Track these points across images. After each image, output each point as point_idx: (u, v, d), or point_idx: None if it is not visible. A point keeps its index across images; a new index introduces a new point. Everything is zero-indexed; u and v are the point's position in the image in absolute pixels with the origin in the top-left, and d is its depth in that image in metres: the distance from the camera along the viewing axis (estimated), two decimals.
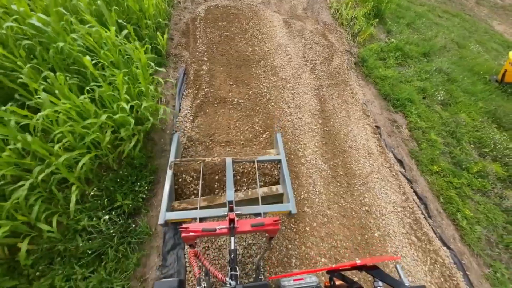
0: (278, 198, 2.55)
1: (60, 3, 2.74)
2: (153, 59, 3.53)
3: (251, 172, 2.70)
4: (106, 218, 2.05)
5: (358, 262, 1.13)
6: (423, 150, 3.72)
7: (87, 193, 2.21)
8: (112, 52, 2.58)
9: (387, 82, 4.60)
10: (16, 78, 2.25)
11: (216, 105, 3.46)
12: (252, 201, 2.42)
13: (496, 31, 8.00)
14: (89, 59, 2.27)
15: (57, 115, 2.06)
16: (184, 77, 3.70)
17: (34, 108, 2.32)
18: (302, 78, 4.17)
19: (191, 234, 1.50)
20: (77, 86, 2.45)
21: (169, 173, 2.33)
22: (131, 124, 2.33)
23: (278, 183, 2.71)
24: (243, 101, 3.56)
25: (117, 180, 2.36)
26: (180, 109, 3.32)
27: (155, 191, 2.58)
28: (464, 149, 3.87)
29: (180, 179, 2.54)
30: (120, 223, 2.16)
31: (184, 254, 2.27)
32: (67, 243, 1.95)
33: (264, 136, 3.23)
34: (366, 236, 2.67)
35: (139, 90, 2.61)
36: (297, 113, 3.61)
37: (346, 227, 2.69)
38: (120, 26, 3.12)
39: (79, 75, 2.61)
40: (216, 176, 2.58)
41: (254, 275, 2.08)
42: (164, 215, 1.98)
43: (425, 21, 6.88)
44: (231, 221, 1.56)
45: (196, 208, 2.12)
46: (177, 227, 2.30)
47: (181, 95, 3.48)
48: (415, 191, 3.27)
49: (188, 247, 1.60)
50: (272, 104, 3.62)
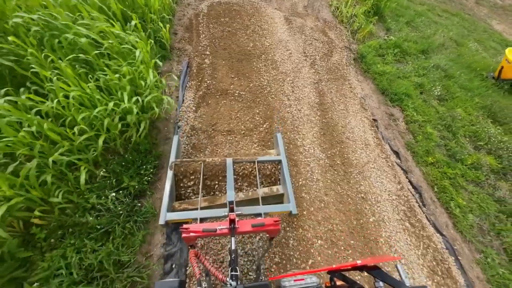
0: (278, 199, 2.54)
1: None
2: (157, 52, 3.67)
3: (251, 174, 2.66)
4: (113, 195, 2.17)
5: (359, 262, 1.12)
6: (418, 142, 3.82)
7: (96, 174, 2.33)
8: (117, 43, 2.70)
9: (385, 77, 4.70)
10: (28, 66, 2.38)
11: (218, 96, 3.58)
12: (253, 201, 2.41)
13: (495, 30, 8.09)
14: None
15: (67, 101, 2.19)
16: (187, 69, 3.82)
17: (44, 95, 2.45)
18: (301, 72, 4.28)
19: (192, 234, 1.50)
20: (84, 74, 2.57)
21: (169, 173, 2.31)
22: (133, 113, 2.44)
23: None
24: (244, 93, 3.68)
25: (123, 164, 2.48)
26: (183, 100, 3.44)
27: (159, 175, 2.70)
28: (459, 142, 3.97)
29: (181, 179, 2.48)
30: (127, 202, 2.29)
31: None
32: (77, 219, 2.07)
33: (264, 126, 3.34)
34: (361, 221, 2.78)
35: (143, 80, 2.73)
36: (296, 105, 3.72)
37: (342, 212, 2.79)
38: (125, 18, 3.25)
39: (86, 65, 2.74)
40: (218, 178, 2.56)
41: (255, 275, 2.07)
42: (164, 215, 1.98)
43: (424, 19, 6.98)
44: (232, 221, 1.56)
45: (196, 209, 2.12)
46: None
47: (184, 86, 3.60)
48: (410, 181, 3.38)
49: (189, 247, 1.60)
50: (272, 96, 3.73)
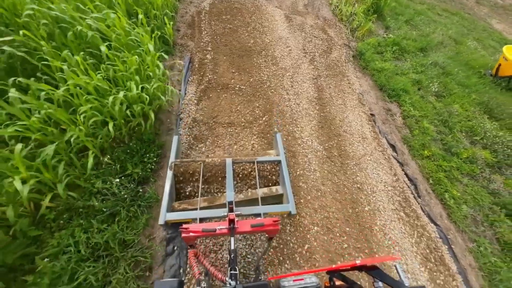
0: (278, 199, 2.57)
1: None
2: (160, 47, 3.78)
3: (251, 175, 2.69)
4: (117, 181, 2.28)
5: (358, 262, 1.13)
6: (415, 137, 3.90)
7: (101, 160, 2.45)
8: (122, 36, 2.82)
9: (383, 74, 4.78)
10: (39, 58, 2.50)
11: (219, 90, 3.68)
12: (252, 201, 2.43)
13: (494, 29, 8.14)
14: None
15: (76, 90, 2.30)
16: (190, 64, 3.94)
17: (54, 85, 2.57)
18: (301, 68, 4.38)
19: (191, 234, 1.50)
20: (92, 65, 2.68)
21: (169, 173, 2.32)
22: (145, 100, 2.55)
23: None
24: (244, 87, 3.78)
25: (128, 151, 2.59)
26: (185, 93, 3.55)
27: (161, 163, 2.80)
28: (455, 137, 4.04)
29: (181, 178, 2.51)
30: (131, 188, 2.39)
31: None
32: (84, 202, 2.18)
33: (263, 119, 3.44)
34: (357, 209, 2.87)
35: (148, 71, 2.85)
36: (295, 99, 3.82)
37: (338, 201, 2.88)
38: (130, 14, 3.37)
39: (94, 57, 2.86)
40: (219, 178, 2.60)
41: (254, 275, 2.08)
42: (164, 215, 1.99)
43: (423, 18, 7.05)
44: (231, 221, 1.57)
45: (196, 209, 2.13)
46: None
47: (186, 81, 3.71)
48: (405, 173, 3.46)
49: (189, 247, 1.61)
50: (272, 90, 3.83)
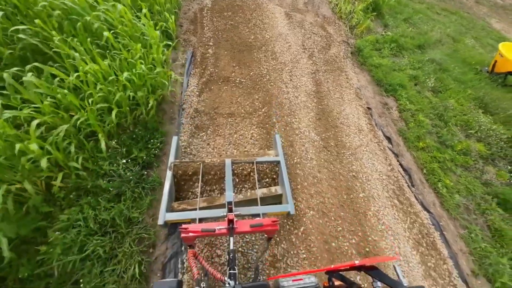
0: (277, 199, 2.58)
1: None
2: (164, 41, 3.92)
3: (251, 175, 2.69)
4: (123, 161, 2.41)
5: (357, 262, 1.13)
6: (410, 129, 4.00)
7: (108, 144, 2.58)
8: (129, 27, 2.97)
9: (380, 69, 4.89)
10: (48, 47, 2.65)
11: (220, 83, 3.81)
12: (251, 202, 2.43)
13: (493, 29, 8.22)
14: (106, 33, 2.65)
15: (86, 77, 2.45)
16: (192, 58, 4.08)
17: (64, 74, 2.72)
18: (300, 63, 4.50)
19: (191, 234, 1.51)
20: (100, 54, 2.83)
21: (168, 174, 2.34)
22: (149, 87, 2.68)
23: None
24: (244, 80, 3.91)
25: (133, 137, 2.73)
26: (187, 85, 3.69)
27: (164, 150, 2.93)
28: (450, 130, 4.14)
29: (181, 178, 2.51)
30: (135, 171, 2.52)
31: None
32: (93, 182, 2.31)
33: (263, 110, 3.57)
34: (352, 196, 2.98)
35: (153, 57, 2.99)
36: (294, 92, 3.94)
37: (333, 187, 3.00)
38: (134, 9, 3.53)
39: (100, 48, 3.00)
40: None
41: (253, 275, 2.08)
42: (163, 215, 2.00)
43: (422, 16, 7.16)
44: (230, 221, 1.57)
45: (195, 209, 2.13)
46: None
47: (188, 73, 3.85)
48: (400, 164, 3.56)
49: (188, 247, 1.62)
50: (271, 84, 3.96)
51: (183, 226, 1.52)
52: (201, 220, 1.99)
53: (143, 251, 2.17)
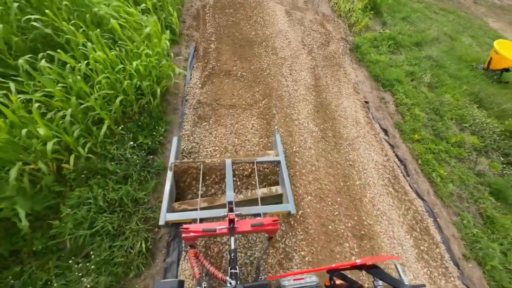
0: (277, 199, 2.60)
1: None
2: (168, 37, 4.05)
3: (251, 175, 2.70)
4: (131, 143, 2.54)
5: (358, 261, 1.13)
6: (406, 122, 4.12)
7: (116, 131, 2.70)
8: (133, 20, 3.11)
9: (378, 65, 5.01)
10: (61, 37, 2.78)
11: (222, 76, 3.94)
12: (252, 201, 2.45)
13: (490, 28, 8.34)
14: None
15: (95, 65, 2.57)
16: (195, 53, 4.20)
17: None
18: (299, 58, 4.63)
19: (192, 234, 1.53)
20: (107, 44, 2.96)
21: (169, 174, 2.35)
22: (154, 78, 2.80)
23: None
24: (245, 74, 4.04)
25: (139, 124, 2.86)
26: (190, 78, 3.81)
27: (168, 138, 3.05)
28: (445, 123, 4.25)
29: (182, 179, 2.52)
30: (141, 155, 2.65)
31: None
32: (101, 165, 2.43)
33: (263, 102, 3.69)
34: (348, 183, 3.09)
35: (157, 52, 3.11)
36: (293, 85, 4.06)
37: (331, 175, 3.11)
38: (137, 4, 3.68)
39: (106, 39, 3.14)
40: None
41: (254, 275, 2.09)
42: (164, 216, 2.01)
43: (420, 15, 7.28)
44: (231, 221, 1.59)
45: (196, 209, 2.15)
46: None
47: (191, 67, 3.98)
48: (396, 155, 3.68)
49: (189, 247, 1.63)
50: (271, 77, 4.08)
51: (184, 226, 1.53)
52: (202, 220, 2.01)
53: (149, 230, 2.29)
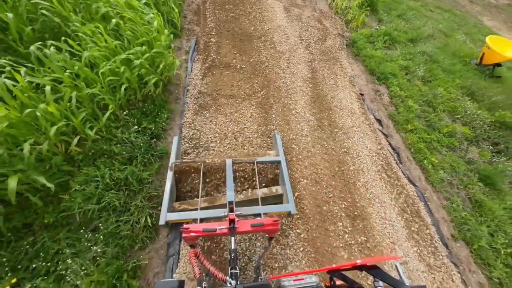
0: (278, 199, 2.61)
1: None
2: (169, 30, 4.19)
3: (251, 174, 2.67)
4: (135, 127, 2.67)
5: (358, 262, 1.12)
6: (400, 113, 4.26)
7: (120, 116, 2.84)
8: (136, 13, 3.25)
9: (373, 60, 5.16)
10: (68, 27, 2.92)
11: (222, 68, 4.08)
12: (252, 202, 2.46)
13: (485, 26, 8.51)
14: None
15: (99, 52, 2.71)
16: (195, 46, 4.34)
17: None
18: (297, 52, 4.77)
19: (192, 234, 1.53)
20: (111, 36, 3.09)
21: (169, 174, 2.36)
22: (155, 68, 2.93)
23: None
24: (245, 66, 4.18)
25: (143, 111, 2.99)
26: (191, 70, 3.95)
27: (170, 125, 3.19)
28: (438, 115, 4.40)
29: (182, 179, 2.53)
30: (145, 139, 2.78)
31: None
32: (107, 147, 2.56)
33: (261, 93, 3.83)
34: (343, 168, 3.23)
35: (159, 43, 3.25)
36: (290, 77, 4.20)
37: (326, 161, 3.25)
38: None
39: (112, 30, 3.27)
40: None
41: (254, 275, 2.10)
42: (165, 216, 2.02)
43: (416, 13, 7.44)
44: (231, 221, 1.58)
45: (196, 209, 2.16)
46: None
47: (192, 59, 4.11)
48: (389, 143, 3.82)
49: (189, 247, 1.63)
50: (270, 70, 4.22)
51: (185, 226, 1.55)
52: (202, 220, 2.03)
53: (153, 207, 2.42)
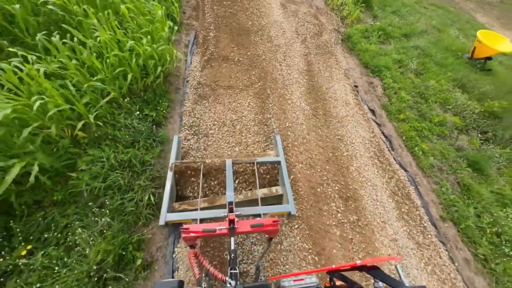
0: (277, 199, 2.62)
1: None
2: (169, 25, 4.32)
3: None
4: (137, 113, 2.80)
5: (358, 262, 1.12)
6: (393, 104, 4.41)
7: (123, 104, 2.97)
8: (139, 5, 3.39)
9: (368, 54, 5.31)
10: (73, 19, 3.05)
11: (220, 61, 4.22)
12: (252, 202, 2.46)
13: (478, 22, 8.68)
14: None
15: (105, 43, 2.84)
16: (194, 40, 4.48)
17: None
18: (293, 46, 4.91)
19: (192, 234, 1.53)
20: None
21: (169, 174, 2.37)
22: (156, 59, 3.07)
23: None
24: (242, 59, 4.31)
25: (144, 99, 3.12)
26: (191, 62, 4.08)
27: (171, 114, 3.32)
28: (430, 106, 4.55)
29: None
30: (147, 125, 2.91)
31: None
32: (111, 131, 2.69)
33: (258, 84, 3.96)
34: (337, 154, 3.37)
35: (160, 36, 3.39)
36: (287, 70, 4.35)
37: (321, 147, 3.39)
38: None
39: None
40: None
41: (254, 275, 2.09)
42: (165, 216, 2.02)
43: (410, 9, 7.60)
44: (231, 222, 1.58)
45: (196, 209, 2.16)
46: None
47: (192, 53, 4.25)
48: (382, 132, 3.96)
49: (189, 247, 1.64)
50: (267, 62, 4.37)
51: (184, 226, 1.56)
52: (202, 220, 2.04)
53: (155, 187, 2.55)
